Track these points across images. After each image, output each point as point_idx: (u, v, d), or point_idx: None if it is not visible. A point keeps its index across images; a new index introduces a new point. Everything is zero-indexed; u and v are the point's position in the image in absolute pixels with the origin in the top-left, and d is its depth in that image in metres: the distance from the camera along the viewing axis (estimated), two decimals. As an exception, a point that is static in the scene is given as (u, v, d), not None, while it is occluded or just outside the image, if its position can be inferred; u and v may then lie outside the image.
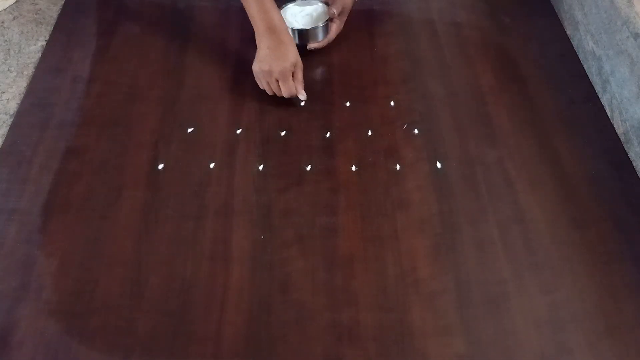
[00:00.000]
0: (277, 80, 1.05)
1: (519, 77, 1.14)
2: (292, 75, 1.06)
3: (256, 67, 1.07)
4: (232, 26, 1.25)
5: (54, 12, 1.28)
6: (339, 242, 0.91)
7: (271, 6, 1.06)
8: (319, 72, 1.16)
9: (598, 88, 1.12)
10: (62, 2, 1.30)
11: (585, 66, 1.17)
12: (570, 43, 1.22)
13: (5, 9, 1.29)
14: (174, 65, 1.16)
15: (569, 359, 0.80)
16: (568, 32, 1.24)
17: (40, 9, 1.29)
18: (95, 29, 1.24)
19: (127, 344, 0.80)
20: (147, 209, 0.94)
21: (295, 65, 1.06)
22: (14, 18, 1.27)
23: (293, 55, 1.06)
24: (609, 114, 1.08)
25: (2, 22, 1.26)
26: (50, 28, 1.24)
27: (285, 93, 1.06)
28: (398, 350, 0.80)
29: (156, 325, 0.82)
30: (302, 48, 1.16)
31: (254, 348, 0.80)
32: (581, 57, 1.18)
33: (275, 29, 1.05)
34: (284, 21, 1.07)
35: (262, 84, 1.08)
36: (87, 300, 0.84)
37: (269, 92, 1.08)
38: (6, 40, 1.22)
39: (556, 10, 1.29)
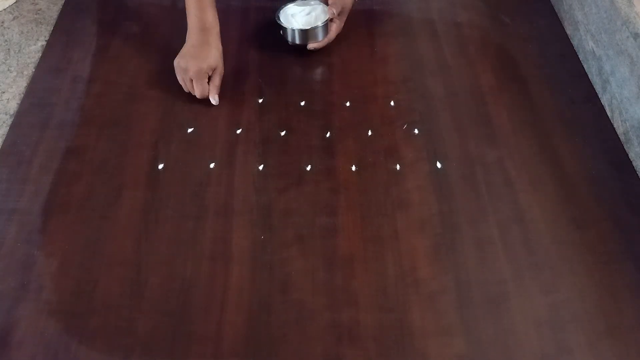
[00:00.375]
0: (192, 80, 1.06)
1: (519, 77, 1.14)
2: (209, 78, 1.07)
3: (176, 61, 1.08)
4: (232, 26, 1.25)
5: (54, 12, 1.28)
6: (339, 242, 0.91)
7: (209, 5, 1.07)
8: (319, 72, 1.16)
9: (598, 88, 1.12)
10: (62, 2, 1.30)
11: (585, 66, 1.17)
12: (570, 43, 1.22)
13: (5, 9, 1.29)
14: (174, 65, 1.16)
15: (569, 359, 0.80)
16: (568, 32, 1.24)
17: (40, 9, 1.29)
18: (95, 29, 1.24)
19: (127, 344, 0.80)
20: (147, 209, 0.94)
21: (213, 69, 1.07)
22: (14, 18, 1.27)
23: (213, 59, 1.07)
24: (609, 114, 1.08)
25: (2, 22, 1.26)
26: (50, 28, 1.24)
27: (197, 93, 1.07)
28: (398, 350, 0.80)
29: (156, 325, 0.82)
30: (302, 48, 1.16)
31: (254, 348, 0.80)
32: (581, 57, 1.18)
33: (205, 29, 1.06)
34: (217, 23, 1.08)
35: (179, 79, 1.09)
36: (87, 300, 0.84)
37: (185, 89, 1.09)
38: (6, 40, 1.22)
39: (556, 10, 1.29)
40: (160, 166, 0.99)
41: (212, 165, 1.00)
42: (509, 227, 0.93)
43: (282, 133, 1.05)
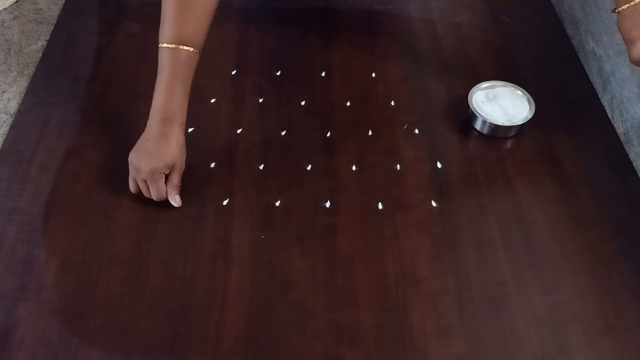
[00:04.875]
0: (145, 181, 0.91)
1: (519, 77, 1.14)
2: (166, 177, 0.92)
3: (130, 156, 0.92)
4: (232, 26, 1.25)
5: (54, 11, 1.28)
6: (339, 242, 0.91)
7: (178, 91, 0.91)
8: (319, 72, 1.16)
9: (598, 88, 1.12)
10: (63, 1, 1.29)
11: (585, 66, 1.17)
12: (571, 43, 1.22)
13: (5, 9, 1.29)
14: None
15: (569, 359, 0.80)
16: (568, 32, 1.24)
17: (40, 9, 1.29)
18: (95, 29, 1.24)
19: (127, 344, 0.80)
20: (147, 209, 0.94)
21: (171, 167, 0.91)
22: (14, 17, 1.27)
23: (171, 155, 0.90)
24: (609, 114, 1.08)
25: (3, 22, 1.26)
26: (50, 28, 1.24)
27: (153, 196, 0.92)
28: (398, 350, 0.80)
29: (156, 325, 0.82)
30: (303, 48, 1.15)
31: (254, 348, 0.80)
32: (581, 57, 1.18)
33: (167, 119, 0.90)
34: (184, 112, 0.92)
35: (129, 178, 0.93)
36: (87, 300, 0.84)
37: (132, 190, 0.94)
38: (7, 40, 1.22)
39: (556, 10, 1.29)
40: (161, 166, 0.99)
41: (212, 165, 1.00)
42: (509, 227, 0.93)
43: (282, 133, 1.05)
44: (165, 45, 0.90)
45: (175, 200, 0.93)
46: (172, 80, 0.91)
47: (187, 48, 0.90)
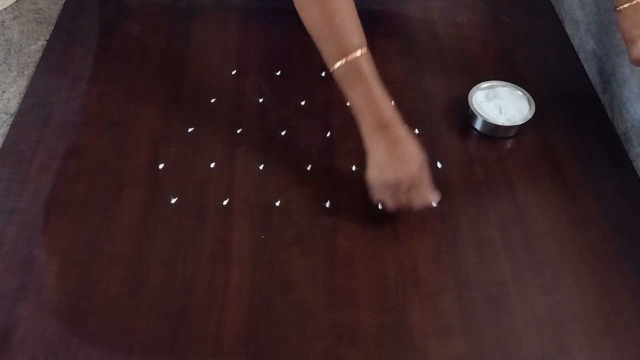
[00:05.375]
0: (408, 190, 0.86)
1: (519, 77, 1.14)
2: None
3: (375, 176, 0.86)
4: (232, 26, 1.25)
5: (54, 11, 1.28)
6: (339, 242, 0.91)
7: (381, 94, 0.86)
8: (319, 71, 1.16)
9: (598, 88, 1.12)
10: (63, 1, 1.29)
11: (585, 66, 1.17)
12: (571, 43, 1.22)
13: (5, 9, 1.29)
14: (174, 65, 1.16)
15: (569, 359, 0.80)
16: (568, 32, 1.24)
17: (40, 9, 1.29)
18: (95, 29, 1.24)
19: (127, 344, 0.80)
20: (147, 209, 0.94)
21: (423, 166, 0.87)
22: (14, 17, 1.27)
23: (417, 153, 0.85)
24: (609, 114, 1.08)
25: (3, 22, 1.26)
26: (50, 27, 1.24)
27: (418, 202, 0.87)
28: (398, 350, 0.80)
29: (156, 325, 0.82)
30: (303, 47, 1.16)
31: (254, 348, 0.80)
32: (581, 57, 1.18)
33: (389, 125, 0.85)
34: (396, 112, 0.87)
35: (384, 197, 0.87)
36: (87, 300, 0.84)
37: (392, 207, 0.88)
38: (7, 40, 1.22)
39: (556, 10, 1.29)
40: (161, 166, 0.99)
41: (212, 165, 1.00)
42: (509, 227, 0.93)
43: (283, 133, 1.05)
44: (338, 64, 0.85)
45: (437, 196, 0.88)
46: (371, 87, 0.86)
47: (358, 52, 0.85)
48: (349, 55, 0.85)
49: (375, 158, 0.85)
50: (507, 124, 1.04)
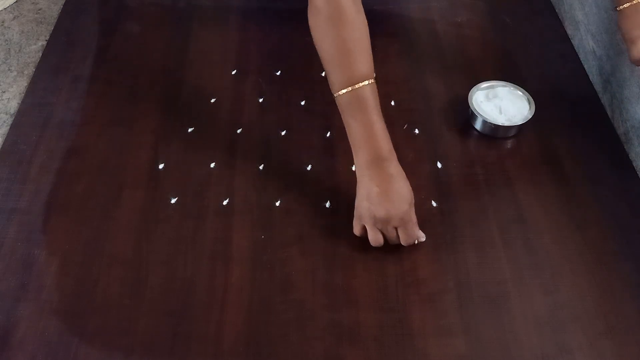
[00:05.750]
0: (395, 228, 0.87)
1: (519, 77, 1.14)
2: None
3: (366, 208, 0.86)
4: (232, 26, 1.25)
5: (54, 11, 1.28)
6: (339, 242, 0.91)
7: (380, 128, 0.86)
8: (319, 71, 1.16)
9: (598, 88, 1.12)
10: (63, 1, 1.29)
11: (585, 66, 1.17)
12: (571, 43, 1.22)
13: (5, 9, 1.29)
14: (174, 65, 1.16)
15: (569, 359, 0.80)
16: (568, 32, 1.24)
17: (40, 9, 1.29)
18: (95, 29, 1.24)
19: (127, 344, 0.80)
20: (147, 209, 0.94)
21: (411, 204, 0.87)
22: (14, 17, 1.27)
23: (408, 191, 0.86)
24: (609, 114, 1.08)
25: (3, 22, 1.26)
26: (50, 27, 1.24)
27: (404, 241, 0.88)
28: (398, 350, 0.80)
29: (156, 325, 0.82)
30: (302, 48, 1.16)
31: (254, 348, 0.80)
32: (582, 57, 1.18)
33: (384, 161, 0.85)
34: (393, 150, 0.87)
35: (370, 231, 0.87)
36: (87, 300, 0.84)
37: (376, 243, 0.88)
38: (7, 40, 1.22)
39: (556, 10, 1.29)
40: (161, 166, 0.99)
41: (212, 165, 1.00)
42: (509, 227, 0.93)
43: (283, 133, 1.05)
44: (343, 91, 0.85)
45: (422, 235, 0.89)
46: (372, 119, 0.85)
47: (366, 82, 0.85)
48: (356, 84, 0.85)
49: (367, 191, 0.86)
50: (507, 124, 1.04)
